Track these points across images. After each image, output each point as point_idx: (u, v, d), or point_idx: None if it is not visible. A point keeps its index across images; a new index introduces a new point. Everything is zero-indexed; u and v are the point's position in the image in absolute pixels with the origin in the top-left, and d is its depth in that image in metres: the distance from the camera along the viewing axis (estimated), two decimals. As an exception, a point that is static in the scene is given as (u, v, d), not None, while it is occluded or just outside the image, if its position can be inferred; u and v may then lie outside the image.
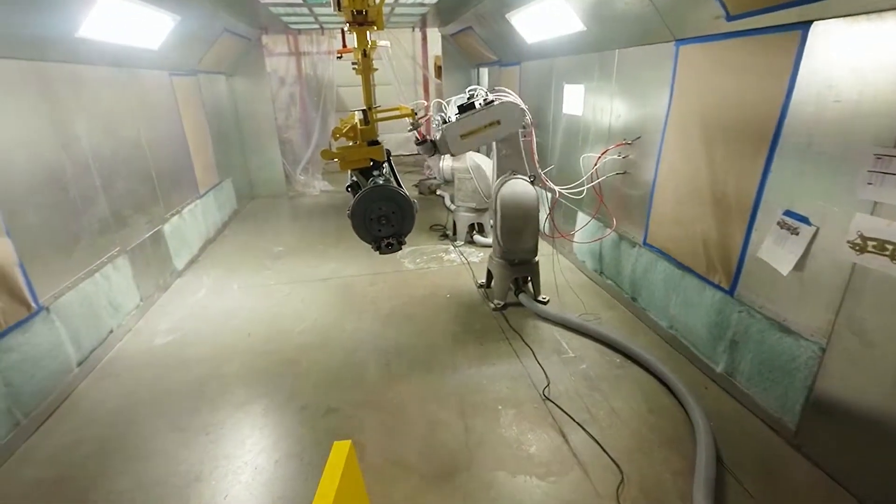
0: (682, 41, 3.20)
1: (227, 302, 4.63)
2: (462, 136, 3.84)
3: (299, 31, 8.37)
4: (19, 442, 2.82)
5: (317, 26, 8.00)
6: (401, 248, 3.19)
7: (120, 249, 4.10)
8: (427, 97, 9.76)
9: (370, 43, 3.03)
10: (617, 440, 2.72)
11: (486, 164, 5.50)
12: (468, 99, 3.86)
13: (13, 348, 2.86)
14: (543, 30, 4.96)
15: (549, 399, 3.07)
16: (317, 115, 9.19)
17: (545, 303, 4.31)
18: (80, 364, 3.44)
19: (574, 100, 4.88)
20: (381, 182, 3.06)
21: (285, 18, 6.92)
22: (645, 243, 3.84)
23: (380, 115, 3.45)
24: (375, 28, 2.94)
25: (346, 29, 3.10)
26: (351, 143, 3.20)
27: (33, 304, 3.02)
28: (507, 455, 2.66)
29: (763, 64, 2.55)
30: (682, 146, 3.29)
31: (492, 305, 4.32)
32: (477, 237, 5.93)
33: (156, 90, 5.16)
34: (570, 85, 4.96)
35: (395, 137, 13.02)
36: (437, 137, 3.92)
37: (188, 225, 5.62)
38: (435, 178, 5.39)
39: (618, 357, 3.50)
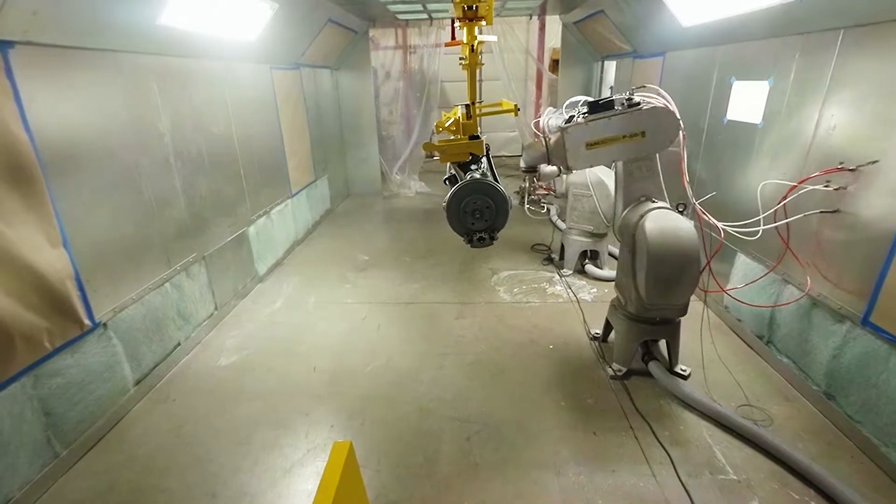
0: None
1: (300, 319, 4.19)
2: (589, 146, 2.87)
3: (407, 22, 7.87)
4: (52, 480, 2.52)
5: (425, 16, 7.41)
6: (492, 243, 3.12)
7: (197, 255, 3.81)
8: (539, 94, 8.75)
9: (478, 39, 3.03)
10: None
11: (611, 180, 4.42)
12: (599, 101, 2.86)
13: (59, 372, 2.56)
14: (714, 7, 3.73)
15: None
16: (419, 112, 8.67)
17: (685, 377, 3.19)
18: (137, 383, 3.14)
19: (748, 102, 3.60)
20: (478, 176, 3.05)
21: (392, 7, 6.40)
22: (866, 321, 2.54)
23: (482, 110, 3.47)
24: (485, 23, 2.96)
25: (456, 22, 3.18)
26: (452, 137, 3.26)
27: (87, 322, 2.72)
28: None
29: None
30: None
31: (610, 371, 3.30)
32: (590, 267, 4.86)
33: (253, 85, 4.89)
34: (743, 81, 3.68)
35: (498, 136, 12.22)
36: (552, 140, 2.99)
37: (276, 227, 5.35)
38: (552, 192, 4.36)
39: (812, 495, 2.31)
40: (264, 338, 3.91)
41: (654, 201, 3.04)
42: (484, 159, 3.27)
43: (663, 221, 2.81)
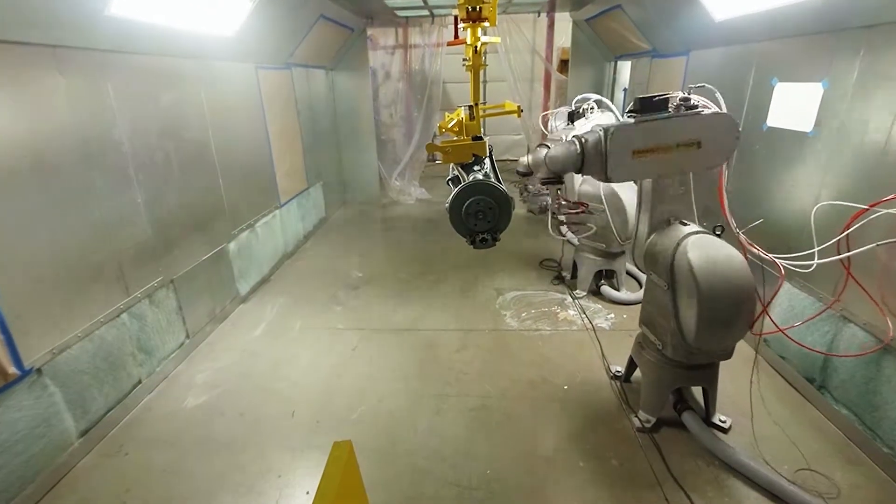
0: None
1: (283, 349, 3.73)
2: (636, 154, 2.34)
3: (407, 19, 7.42)
4: (-39, 569, 2.07)
5: (426, 13, 6.95)
6: (495, 244, 3.06)
7: (163, 279, 3.36)
8: (547, 96, 8.28)
9: (481, 41, 3.03)
10: None
11: (625, 192, 3.93)
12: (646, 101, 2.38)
13: (-26, 433, 2.11)
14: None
15: None
16: (419, 115, 8.21)
17: (725, 430, 2.72)
18: (83, 434, 2.69)
19: (795, 106, 3.13)
20: (480, 177, 3.03)
21: (391, 3, 5.94)
22: (961, 380, 2.06)
23: (485, 112, 3.47)
24: (488, 24, 2.96)
25: (459, 19, 3.13)
26: (455, 138, 3.23)
27: (14, 370, 2.26)
28: None
29: None
30: None
31: (636, 421, 2.82)
32: (606, 289, 4.38)
33: (235, 85, 4.44)
34: (788, 83, 3.20)
35: (503, 140, 11.74)
36: (589, 143, 2.43)
37: (261, 241, 4.90)
38: (584, 209, 3.79)
39: None
40: (240, 372, 3.45)
41: (685, 223, 2.56)
42: (487, 160, 3.25)
43: (711, 251, 2.34)
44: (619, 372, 3.26)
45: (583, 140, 2.43)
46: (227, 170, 4.23)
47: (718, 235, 2.44)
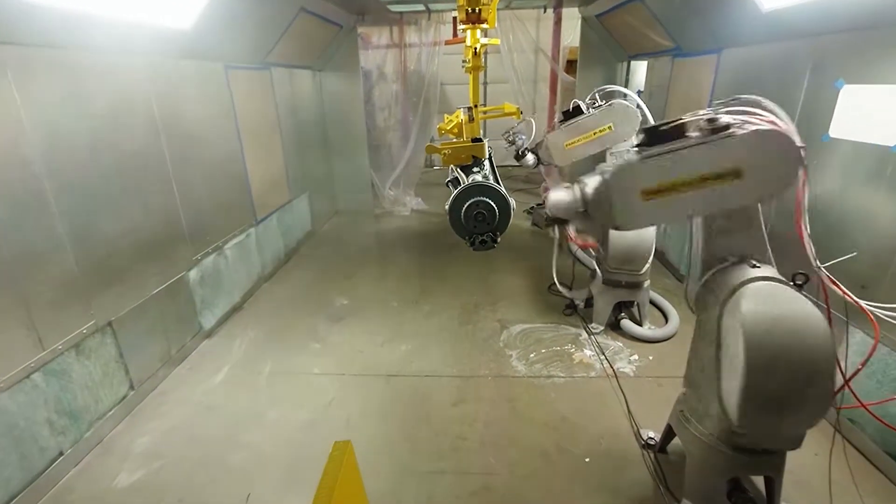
0: None
1: (245, 402, 3.13)
2: (646, 196, 1.77)
3: (402, 15, 6.83)
4: None
5: (422, 7, 6.37)
6: (494, 246, 3.01)
7: (96, 323, 2.76)
8: (553, 98, 7.69)
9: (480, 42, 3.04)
10: None
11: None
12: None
13: None
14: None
15: None
16: (415, 118, 7.62)
17: (797, 530, 2.11)
18: (-27, 537, 2.09)
19: (870, 114, 2.53)
20: (479, 179, 3.04)
21: (382, -4, 5.37)
22: None
23: (485, 114, 3.65)
24: (487, 26, 3.03)
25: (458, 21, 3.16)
26: (455, 140, 3.29)
27: None
28: None
29: None
30: None
31: (681, 515, 2.22)
32: (627, 324, 3.77)
33: (197, 87, 3.84)
34: (859, 85, 2.61)
35: (504, 145, 11.16)
36: (591, 190, 1.91)
37: (232, 264, 4.30)
38: (598, 252, 3.50)
39: None
40: (190, 436, 2.84)
41: (755, 264, 1.96)
42: (486, 162, 3.27)
43: (775, 306, 1.73)
44: (651, 439, 2.66)
45: (582, 186, 1.95)
46: (187, 186, 3.63)
47: (800, 286, 1.84)
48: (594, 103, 3.60)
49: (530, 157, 3.64)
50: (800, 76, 3.03)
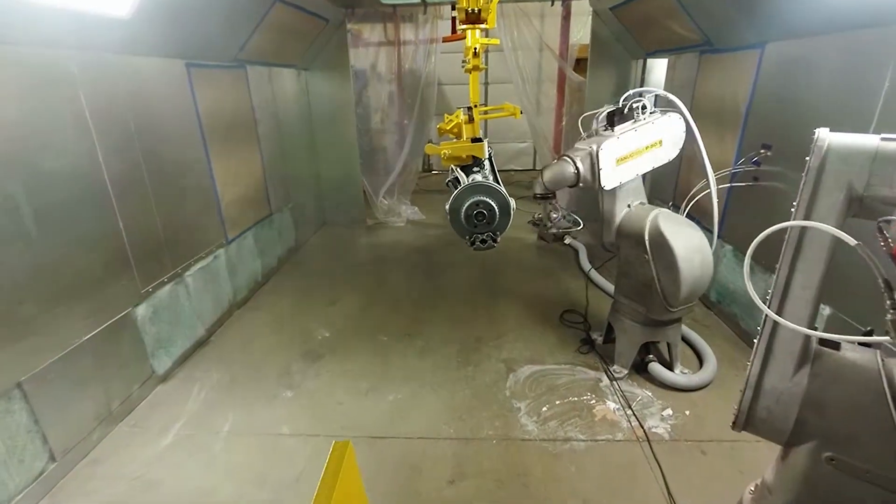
0: None
1: (193, 478, 2.54)
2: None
3: (395, 9, 6.23)
4: None
5: (417, 0, 5.77)
6: (494, 246, 2.94)
7: (1, 386, 2.18)
8: (560, 99, 7.09)
9: (480, 43, 2.99)
10: None
11: (677, 241, 2.73)
12: None
13: None
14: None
15: None
16: (410, 121, 7.02)
17: None
18: None
19: None
20: (479, 179, 3.02)
21: (372, -14, 4.78)
22: None
23: (485, 114, 3.69)
24: (486, 26, 3.00)
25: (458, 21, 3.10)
26: (454, 140, 3.22)
27: None
28: None
29: None
30: None
31: None
32: (655, 367, 3.16)
33: (147, 88, 3.26)
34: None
35: (507, 148, 10.58)
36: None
37: (195, 293, 3.71)
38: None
39: None
40: (117, 527, 2.26)
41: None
42: (486, 162, 3.27)
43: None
44: (702, 538, 2.10)
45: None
46: (133, 206, 3.05)
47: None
48: (627, 108, 3.04)
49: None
50: (879, 71, 2.44)
